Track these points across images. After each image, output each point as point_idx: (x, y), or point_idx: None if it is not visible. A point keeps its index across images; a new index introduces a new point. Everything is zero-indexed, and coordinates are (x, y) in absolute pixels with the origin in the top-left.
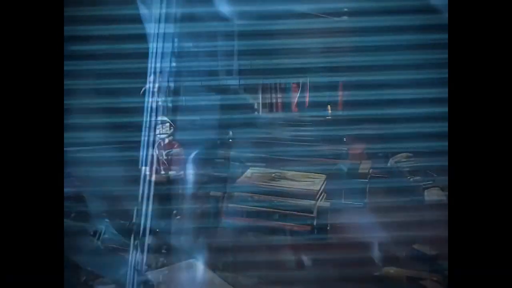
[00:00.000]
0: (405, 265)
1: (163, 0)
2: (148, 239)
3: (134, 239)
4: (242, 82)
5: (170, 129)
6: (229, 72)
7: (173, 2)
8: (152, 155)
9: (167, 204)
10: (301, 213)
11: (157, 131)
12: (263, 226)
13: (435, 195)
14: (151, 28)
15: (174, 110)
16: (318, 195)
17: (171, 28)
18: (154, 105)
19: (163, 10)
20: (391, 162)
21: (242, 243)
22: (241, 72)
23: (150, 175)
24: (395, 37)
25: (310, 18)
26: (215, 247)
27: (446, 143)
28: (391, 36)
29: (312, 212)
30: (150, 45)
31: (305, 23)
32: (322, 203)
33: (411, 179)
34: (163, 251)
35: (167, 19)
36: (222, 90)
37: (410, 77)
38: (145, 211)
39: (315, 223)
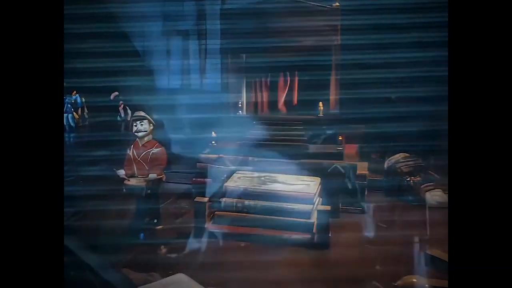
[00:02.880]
0: (422, 273)
1: None
2: None
3: None
4: None
5: (149, 126)
6: None
7: None
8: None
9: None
10: (298, 219)
11: (134, 128)
12: (255, 234)
13: (438, 197)
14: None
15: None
16: (315, 199)
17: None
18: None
19: None
20: (387, 163)
21: (232, 254)
22: None
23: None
24: None
25: None
26: (204, 259)
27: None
28: None
29: (309, 218)
30: None
31: None
32: (321, 207)
33: (411, 181)
34: None
35: None
36: None
37: None
38: None
39: (314, 229)
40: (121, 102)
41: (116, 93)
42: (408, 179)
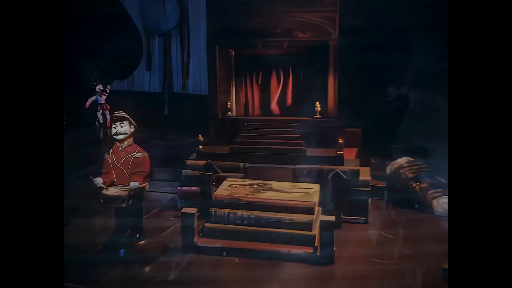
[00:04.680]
0: None
1: None
2: None
3: None
4: None
5: (130, 128)
6: None
7: None
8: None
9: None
10: (298, 231)
11: (113, 131)
12: (250, 249)
13: (446, 205)
14: None
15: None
16: (316, 208)
17: None
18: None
19: None
20: (390, 168)
21: (224, 272)
22: None
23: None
24: None
25: None
26: (193, 278)
27: None
28: None
29: (310, 230)
30: None
31: None
32: (324, 217)
33: (417, 187)
34: None
35: None
36: None
37: None
38: None
39: (316, 242)
40: (99, 106)
41: (100, 86)
42: (414, 185)
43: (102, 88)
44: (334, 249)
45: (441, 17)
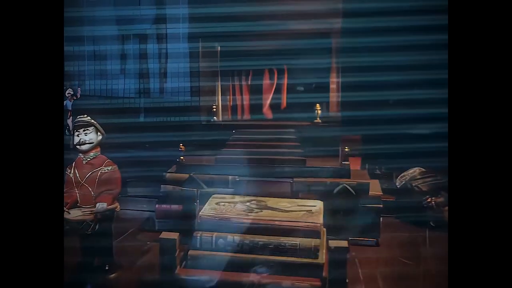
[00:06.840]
0: None
1: None
2: None
3: None
4: None
5: (97, 135)
6: None
7: None
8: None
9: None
10: (302, 259)
11: (76, 139)
12: (243, 282)
13: None
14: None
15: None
16: (322, 230)
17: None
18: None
19: None
20: (400, 181)
21: None
22: None
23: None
24: None
25: None
26: None
27: None
28: None
29: (317, 257)
30: None
31: None
32: (334, 242)
33: (432, 202)
34: None
35: None
36: None
37: None
38: None
39: (324, 272)
40: (69, 112)
41: (70, 90)
42: (428, 199)
43: (72, 92)
44: (347, 281)
45: (443, 20)
